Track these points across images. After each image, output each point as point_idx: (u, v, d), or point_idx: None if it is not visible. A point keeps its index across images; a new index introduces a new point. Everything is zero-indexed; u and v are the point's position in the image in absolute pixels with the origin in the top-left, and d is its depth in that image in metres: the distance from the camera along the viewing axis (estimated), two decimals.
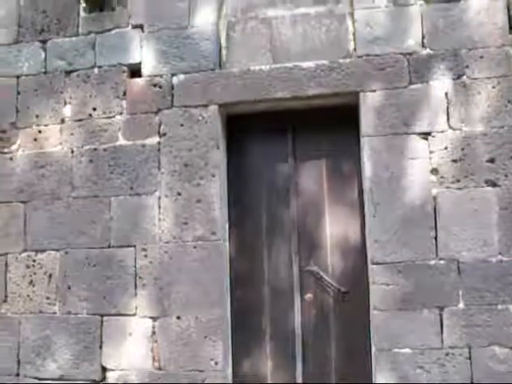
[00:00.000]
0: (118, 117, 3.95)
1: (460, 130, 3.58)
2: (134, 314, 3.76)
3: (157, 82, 3.93)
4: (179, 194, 3.79)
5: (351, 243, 3.83)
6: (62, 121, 4.04)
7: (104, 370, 3.76)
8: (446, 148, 3.57)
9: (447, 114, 3.60)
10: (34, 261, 3.94)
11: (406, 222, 3.54)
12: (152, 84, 3.93)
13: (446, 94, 3.62)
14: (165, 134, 3.87)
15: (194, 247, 3.73)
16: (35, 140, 4.05)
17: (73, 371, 3.79)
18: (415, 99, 3.63)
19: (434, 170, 3.57)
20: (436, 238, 3.51)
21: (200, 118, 3.84)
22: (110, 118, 3.96)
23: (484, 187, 3.52)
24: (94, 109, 4.00)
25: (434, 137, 3.59)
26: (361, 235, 3.77)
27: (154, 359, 3.70)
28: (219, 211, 3.74)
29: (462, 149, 3.56)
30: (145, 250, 3.78)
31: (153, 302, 3.73)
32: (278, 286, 3.88)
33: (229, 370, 3.76)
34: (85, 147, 3.97)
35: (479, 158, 3.54)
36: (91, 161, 3.94)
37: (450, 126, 3.59)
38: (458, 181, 3.54)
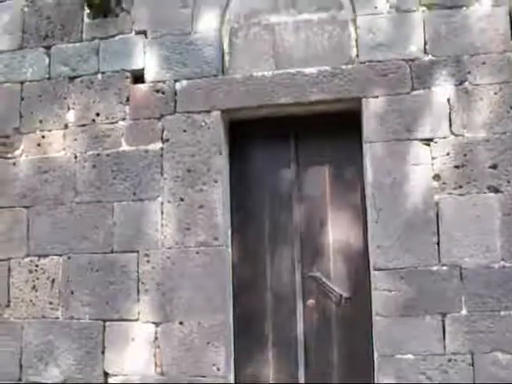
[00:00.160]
0: (121, 122, 3.97)
1: (462, 136, 3.58)
2: (137, 320, 3.76)
3: (160, 88, 3.94)
4: (182, 200, 3.80)
5: (354, 249, 3.83)
6: (66, 126, 4.05)
7: (106, 375, 3.76)
8: (448, 154, 3.58)
9: (449, 120, 3.61)
10: (37, 266, 3.95)
11: (409, 227, 3.54)
12: (155, 90, 3.95)
13: (448, 100, 3.63)
14: (168, 140, 3.88)
15: (197, 253, 3.73)
16: (38, 145, 4.07)
17: (75, 376, 3.78)
18: (417, 105, 3.64)
19: (437, 176, 3.57)
20: (438, 244, 3.51)
21: (203, 124, 3.85)
22: (113, 123, 3.98)
23: (486, 193, 3.52)
24: (98, 114, 4.01)
25: (436, 143, 3.60)
26: (363, 241, 3.77)
27: (156, 364, 3.70)
28: (222, 217, 3.75)
29: (465, 155, 3.56)
30: (147, 255, 3.78)
31: (155, 308, 3.74)
32: (280, 292, 3.88)
33: (231, 376, 3.76)
34: (88, 152, 3.98)
35: (481, 164, 3.54)
36: (94, 166, 3.95)
37: (452, 132, 3.59)
38: (461, 187, 3.54)
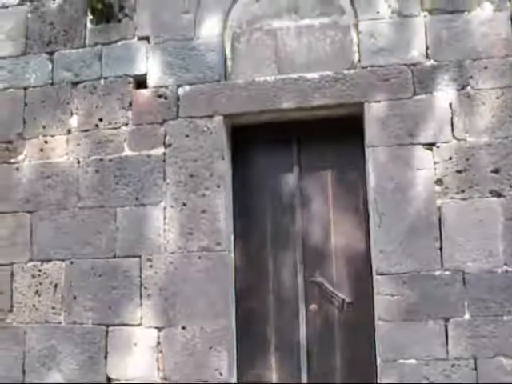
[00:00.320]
0: (123, 127, 3.98)
1: (464, 140, 3.59)
2: (140, 325, 3.76)
3: (162, 93, 3.95)
4: (184, 205, 3.80)
5: (356, 253, 3.83)
6: (69, 131, 4.06)
7: (109, 380, 3.76)
8: (450, 158, 3.58)
9: (451, 124, 3.61)
10: (40, 270, 3.95)
11: (411, 232, 3.54)
12: (158, 95, 3.96)
13: (451, 104, 3.63)
14: (170, 145, 3.89)
15: (199, 258, 3.74)
16: (41, 150, 4.08)
17: (78, 381, 3.78)
18: (419, 110, 3.64)
19: (439, 181, 3.57)
20: (441, 249, 3.51)
21: (205, 129, 3.86)
22: (115, 128, 3.99)
23: (489, 198, 3.52)
24: (100, 119, 4.02)
25: (438, 147, 3.60)
26: (366, 245, 3.77)
27: (158, 369, 3.70)
28: (224, 222, 3.75)
29: (467, 159, 3.56)
30: (150, 260, 3.79)
31: (158, 313, 3.74)
32: (283, 297, 3.88)
33: (233, 381, 3.75)
34: (91, 158, 3.99)
35: (484, 168, 3.54)
36: (97, 171, 3.96)
37: (454, 137, 3.60)
38: (463, 191, 3.54)
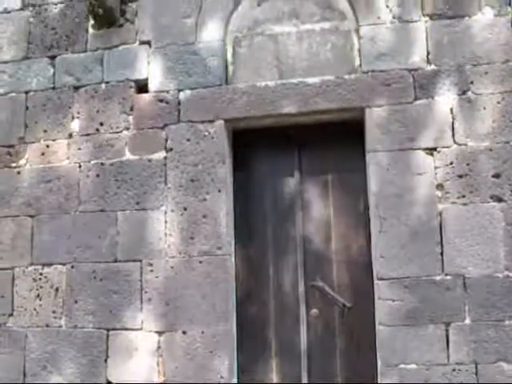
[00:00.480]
0: (124, 132, 3.99)
1: (465, 145, 3.59)
2: (140, 329, 3.76)
3: (163, 98, 3.96)
4: (185, 209, 3.80)
5: (357, 258, 3.82)
6: (70, 136, 4.07)
7: None
8: (451, 163, 3.58)
9: (452, 129, 3.61)
10: (41, 274, 3.95)
11: (412, 237, 3.54)
12: (159, 99, 3.97)
13: (451, 109, 3.63)
14: (171, 149, 3.89)
15: (200, 262, 3.74)
16: (43, 154, 4.09)
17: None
18: (420, 115, 3.64)
19: (440, 186, 3.57)
20: (442, 254, 3.50)
21: (206, 134, 3.86)
22: (117, 132, 4.00)
23: (490, 202, 3.51)
24: (102, 124, 4.03)
25: (439, 152, 3.60)
26: (367, 250, 3.76)
27: (159, 373, 3.70)
28: (225, 226, 3.75)
29: (468, 164, 3.56)
30: (151, 264, 3.79)
31: (159, 317, 3.74)
32: (284, 301, 3.87)
33: None
34: (92, 162, 4.00)
35: (484, 173, 3.54)
36: (98, 175, 3.97)
37: (455, 142, 3.60)
38: (464, 196, 3.54)
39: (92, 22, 4.13)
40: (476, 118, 3.60)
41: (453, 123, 3.62)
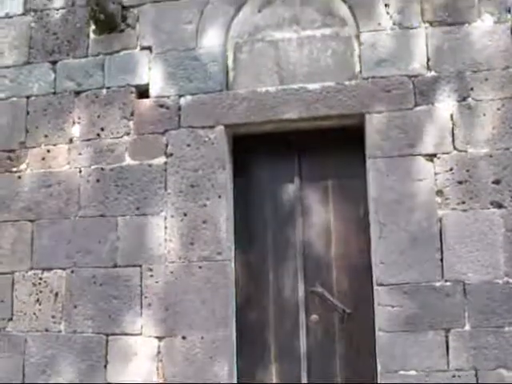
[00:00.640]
0: (125, 137, 3.99)
1: (465, 151, 3.59)
2: (140, 334, 3.75)
3: (164, 103, 3.97)
4: (185, 215, 3.81)
5: (357, 264, 3.82)
6: (71, 140, 4.08)
7: None
8: (451, 169, 3.58)
9: (452, 135, 3.62)
10: (41, 279, 3.95)
11: (412, 243, 3.54)
12: (159, 105, 3.98)
13: (451, 115, 3.64)
14: (171, 155, 3.90)
15: (200, 267, 3.74)
16: (43, 159, 4.09)
17: None
18: (421, 121, 3.65)
19: (440, 192, 3.57)
20: (442, 260, 3.50)
21: (207, 139, 3.87)
22: (117, 138, 4.00)
23: (489, 209, 3.52)
24: (102, 129, 4.04)
25: (439, 158, 3.60)
26: (366, 256, 3.76)
27: (158, 379, 3.69)
28: (225, 231, 3.75)
29: (468, 170, 3.57)
30: (151, 269, 3.78)
31: (158, 322, 3.73)
32: (283, 307, 3.87)
33: None
34: (92, 167, 4.00)
35: (484, 179, 3.54)
36: (98, 180, 3.97)
37: (455, 148, 3.60)
38: (464, 202, 3.54)
39: (93, 27, 4.14)
40: (476, 124, 3.61)
41: (453, 129, 3.62)
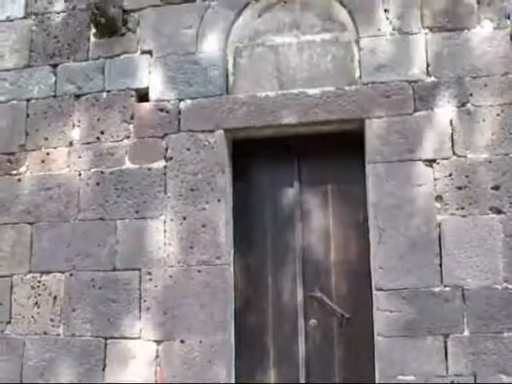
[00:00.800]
0: (125, 141, 4.00)
1: (465, 157, 3.60)
2: (138, 338, 3.75)
3: (164, 107, 3.98)
4: (185, 219, 3.81)
5: (356, 269, 3.82)
6: (71, 144, 4.08)
7: None
8: (450, 175, 3.59)
9: (452, 141, 3.62)
10: (39, 282, 3.95)
11: (411, 248, 3.54)
12: (159, 109, 3.98)
13: (451, 121, 3.64)
14: (171, 158, 3.90)
15: (199, 271, 3.73)
16: (43, 162, 4.09)
17: None
18: (420, 126, 3.65)
19: (439, 197, 3.57)
20: (441, 265, 3.50)
21: (206, 143, 3.87)
22: (117, 141, 4.00)
23: (489, 214, 3.52)
24: (102, 132, 4.04)
25: (438, 164, 3.61)
26: (365, 261, 3.75)
27: (157, 382, 3.69)
28: (224, 236, 3.75)
29: (467, 176, 3.57)
30: (150, 273, 3.78)
31: (157, 326, 3.73)
32: (282, 312, 3.87)
33: None
34: (92, 170, 4.01)
35: (484, 185, 3.55)
36: (98, 184, 3.97)
37: (454, 153, 3.61)
38: (463, 208, 3.54)
39: (94, 30, 4.15)
40: (475, 130, 3.62)
41: (452, 135, 3.63)
